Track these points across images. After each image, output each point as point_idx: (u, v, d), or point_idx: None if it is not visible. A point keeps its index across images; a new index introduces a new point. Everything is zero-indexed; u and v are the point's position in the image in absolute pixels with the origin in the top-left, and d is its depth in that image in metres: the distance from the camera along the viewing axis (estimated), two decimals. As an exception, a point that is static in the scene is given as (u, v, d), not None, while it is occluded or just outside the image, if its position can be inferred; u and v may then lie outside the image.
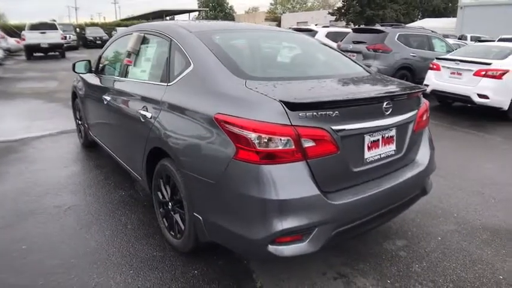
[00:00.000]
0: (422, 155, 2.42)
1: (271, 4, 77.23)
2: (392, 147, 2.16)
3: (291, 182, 1.71)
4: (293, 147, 1.70)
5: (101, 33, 25.29)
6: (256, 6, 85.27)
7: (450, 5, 41.38)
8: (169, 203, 2.39)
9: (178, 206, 2.30)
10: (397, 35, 8.22)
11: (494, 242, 2.67)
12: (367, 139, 2.00)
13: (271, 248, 1.72)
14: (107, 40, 26.18)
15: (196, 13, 54.69)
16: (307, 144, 1.72)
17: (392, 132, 2.14)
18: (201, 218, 2.01)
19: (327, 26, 13.32)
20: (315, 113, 1.74)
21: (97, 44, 23.95)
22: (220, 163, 1.80)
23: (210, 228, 1.99)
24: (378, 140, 2.06)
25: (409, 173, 2.25)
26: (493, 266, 2.39)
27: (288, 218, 1.69)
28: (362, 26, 12.13)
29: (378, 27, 9.02)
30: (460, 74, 6.48)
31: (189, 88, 2.16)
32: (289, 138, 1.69)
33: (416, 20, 34.89)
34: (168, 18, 43.17)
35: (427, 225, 2.87)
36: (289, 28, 11.09)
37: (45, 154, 4.30)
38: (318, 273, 2.24)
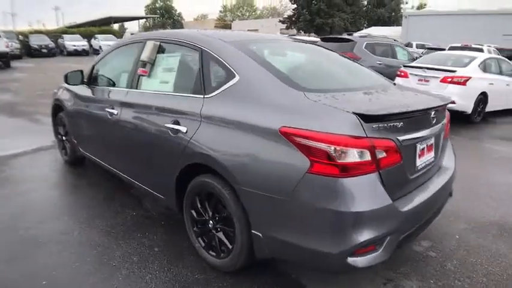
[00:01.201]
0: (449, 160, 2.57)
1: (220, 11, 77.46)
2: (432, 155, 2.27)
3: (368, 193, 1.73)
4: (369, 158, 1.71)
5: (46, 41, 23.50)
6: (205, 14, 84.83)
7: (394, 14, 44.52)
8: (210, 221, 2.28)
9: (222, 223, 2.21)
10: (365, 43, 8.66)
11: (504, 236, 2.89)
12: (418, 148, 2.07)
13: (351, 260, 1.72)
14: (53, 48, 24.01)
15: (144, 20, 53.23)
16: (380, 155, 1.75)
17: (432, 140, 2.25)
18: (260, 234, 1.94)
19: (294, 35, 13.66)
20: (385, 125, 1.77)
21: (42, 53, 22.39)
22: (290, 177, 1.76)
23: (272, 245, 1.93)
24: (424, 148, 2.14)
25: (443, 178, 2.37)
26: (511, 258, 2.58)
27: (367, 229, 1.70)
28: (331, 36, 12.59)
29: (346, 36, 9.44)
30: (427, 81, 6.97)
31: (237, 100, 2.08)
32: (365, 150, 1.70)
33: (362, 29, 36.98)
34: (116, 25, 41.49)
35: (441, 225, 3.03)
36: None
37: (28, 173, 3.89)
38: (367, 281, 2.27)
